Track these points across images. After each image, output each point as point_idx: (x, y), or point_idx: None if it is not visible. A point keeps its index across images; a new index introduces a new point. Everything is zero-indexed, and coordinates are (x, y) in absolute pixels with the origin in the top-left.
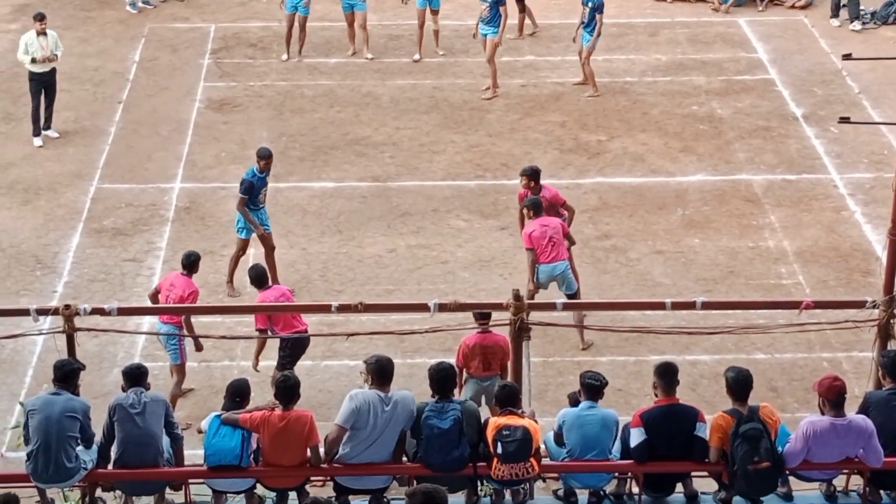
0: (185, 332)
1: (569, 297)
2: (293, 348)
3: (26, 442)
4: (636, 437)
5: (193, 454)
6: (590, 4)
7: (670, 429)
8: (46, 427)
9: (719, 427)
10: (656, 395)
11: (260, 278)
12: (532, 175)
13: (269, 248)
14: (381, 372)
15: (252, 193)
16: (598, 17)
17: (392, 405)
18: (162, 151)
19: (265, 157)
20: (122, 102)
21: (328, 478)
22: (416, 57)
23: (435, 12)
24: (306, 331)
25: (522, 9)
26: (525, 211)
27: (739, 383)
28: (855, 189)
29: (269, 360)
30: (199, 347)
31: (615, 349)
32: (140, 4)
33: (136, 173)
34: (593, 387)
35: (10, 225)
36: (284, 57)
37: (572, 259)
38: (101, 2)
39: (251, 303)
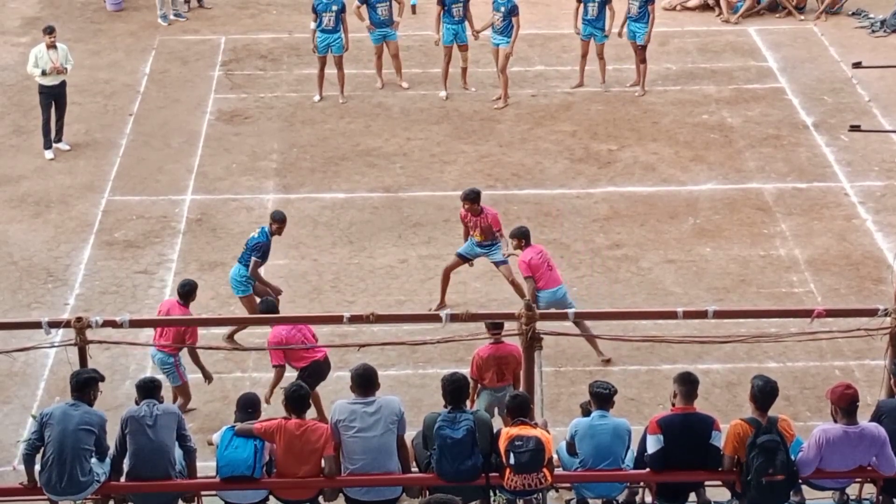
0: (179, 358)
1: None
2: (312, 377)
3: (31, 447)
4: (653, 444)
5: (206, 466)
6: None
7: (687, 436)
8: (62, 439)
9: (736, 435)
10: (673, 404)
11: (271, 314)
12: (474, 199)
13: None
14: (360, 379)
15: (267, 257)
16: (650, 8)
17: (377, 407)
18: (173, 163)
19: (280, 220)
20: (132, 115)
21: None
22: (443, 94)
23: (463, 48)
24: (324, 358)
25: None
26: (514, 242)
27: (765, 393)
28: (866, 197)
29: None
30: (208, 379)
31: (627, 358)
32: (171, 17)
33: (148, 185)
34: (602, 395)
35: (22, 238)
36: (317, 98)
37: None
38: (112, 14)
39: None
